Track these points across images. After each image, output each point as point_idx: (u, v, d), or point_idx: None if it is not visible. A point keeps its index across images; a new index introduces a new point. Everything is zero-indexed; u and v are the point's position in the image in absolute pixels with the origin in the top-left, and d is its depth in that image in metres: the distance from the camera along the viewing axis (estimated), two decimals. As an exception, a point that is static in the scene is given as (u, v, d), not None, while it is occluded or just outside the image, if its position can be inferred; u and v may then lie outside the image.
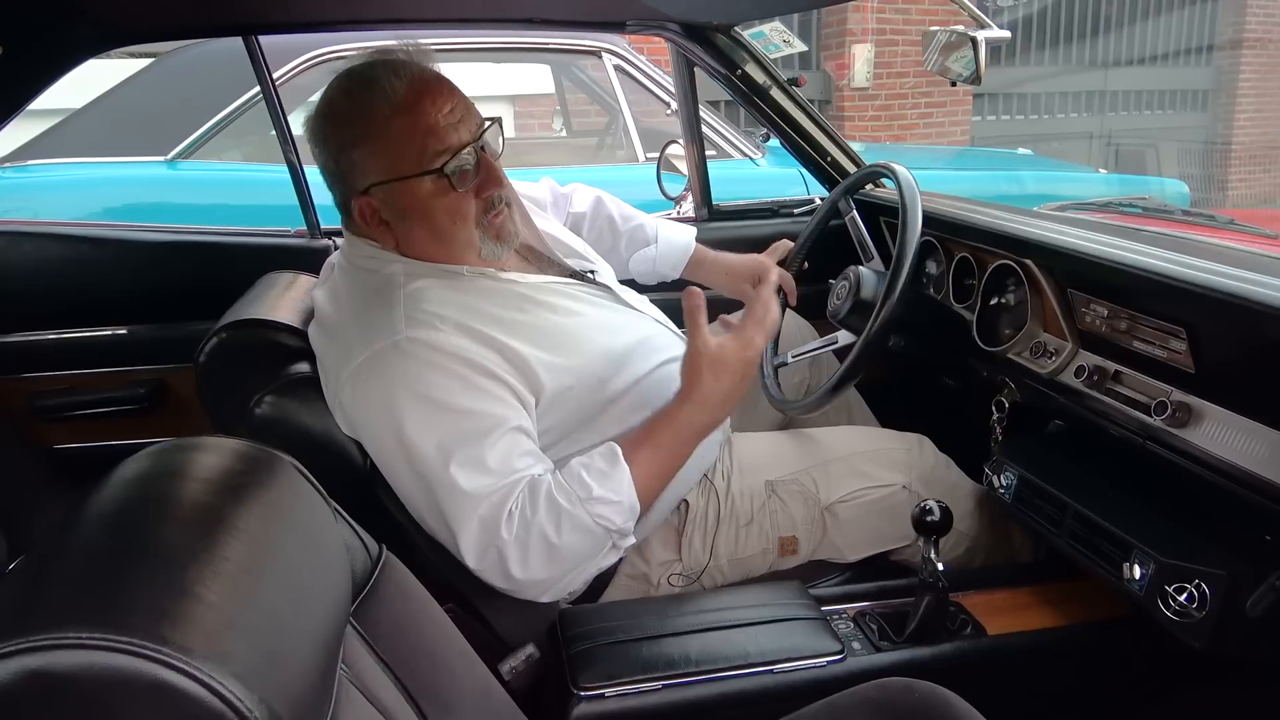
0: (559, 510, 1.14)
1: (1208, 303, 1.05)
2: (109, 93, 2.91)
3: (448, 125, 1.19)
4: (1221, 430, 1.08)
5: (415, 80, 1.18)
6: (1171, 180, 3.72)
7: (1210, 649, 1.07)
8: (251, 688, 0.52)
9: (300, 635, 0.63)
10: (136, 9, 1.38)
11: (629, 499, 1.17)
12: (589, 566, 1.18)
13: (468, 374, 1.15)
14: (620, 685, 1.11)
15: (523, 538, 1.12)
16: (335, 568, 0.76)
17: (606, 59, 3.24)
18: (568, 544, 1.13)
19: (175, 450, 0.75)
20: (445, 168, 1.19)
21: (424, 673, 0.87)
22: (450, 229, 1.23)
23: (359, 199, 1.22)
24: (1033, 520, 1.32)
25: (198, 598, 0.56)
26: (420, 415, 1.12)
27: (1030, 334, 1.40)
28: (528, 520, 1.13)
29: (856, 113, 7.01)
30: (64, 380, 1.72)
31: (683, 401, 1.22)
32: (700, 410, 1.22)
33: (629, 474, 1.17)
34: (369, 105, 1.17)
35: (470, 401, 1.13)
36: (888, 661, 1.19)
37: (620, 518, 1.16)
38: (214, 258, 1.76)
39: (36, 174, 2.82)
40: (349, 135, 1.19)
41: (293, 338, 1.28)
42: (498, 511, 1.12)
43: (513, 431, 1.15)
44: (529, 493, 1.14)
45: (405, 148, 1.18)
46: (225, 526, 0.65)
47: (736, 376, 1.23)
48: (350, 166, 1.21)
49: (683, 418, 1.22)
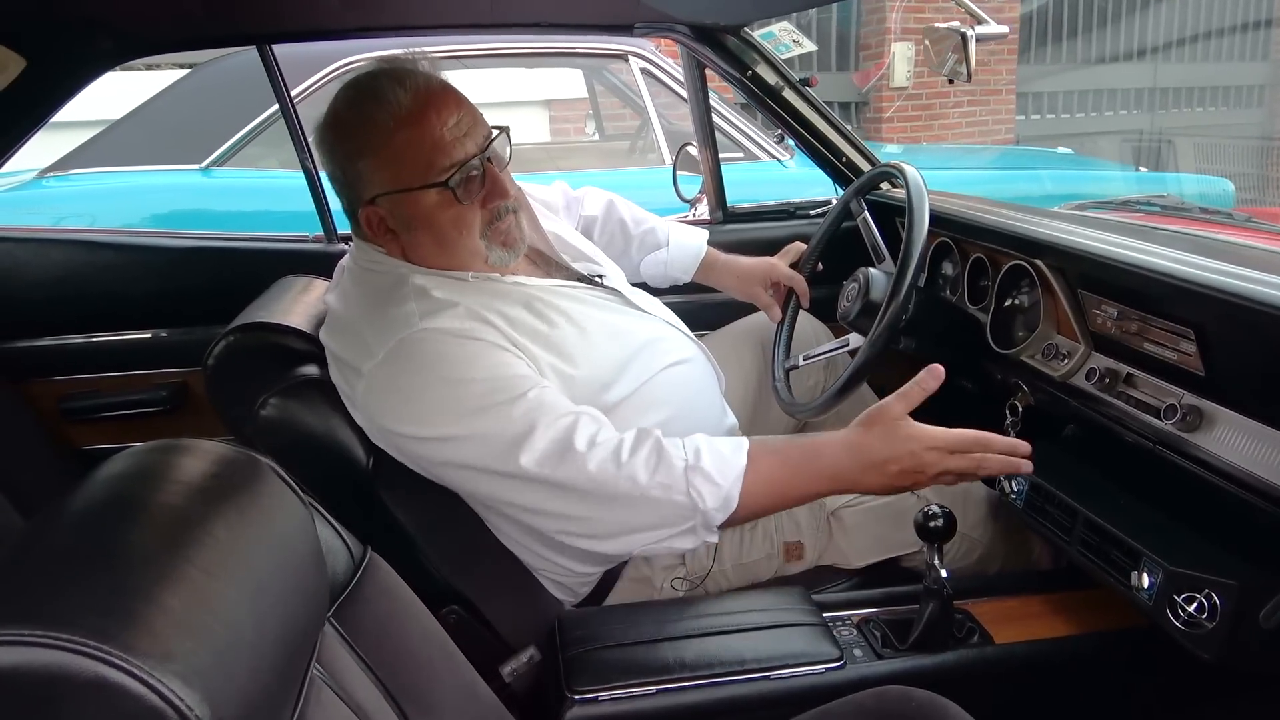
0: (661, 456, 1.10)
1: (1216, 304, 1.02)
2: (146, 103, 3.00)
3: (453, 138, 1.19)
4: (1232, 435, 1.05)
5: (420, 92, 1.18)
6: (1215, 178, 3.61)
7: (1222, 661, 1.03)
8: (195, 687, 0.53)
9: (260, 637, 0.64)
10: (153, 21, 1.42)
11: (730, 490, 1.10)
12: (662, 534, 1.11)
13: (487, 349, 1.15)
14: (614, 689, 1.11)
15: (606, 459, 1.09)
16: (308, 570, 0.77)
17: (634, 62, 3.25)
18: (652, 493, 1.09)
19: (155, 452, 0.76)
20: (450, 181, 1.19)
21: (406, 674, 0.87)
22: (456, 239, 1.23)
23: (365, 208, 1.24)
24: (1043, 527, 1.29)
25: (150, 598, 0.57)
26: (449, 396, 1.12)
27: (1043, 336, 1.37)
28: (619, 449, 1.09)
29: (896, 112, 6.94)
30: (91, 383, 1.77)
31: (839, 440, 1.13)
32: (848, 456, 1.12)
33: (744, 468, 1.12)
34: (374, 117, 1.18)
35: (495, 369, 1.14)
36: (889, 670, 1.17)
37: (714, 500, 1.10)
38: (233, 263, 1.80)
39: (78, 183, 2.92)
40: (354, 146, 1.21)
41: (300, 341, 1.30)
42: (569, 430, 1.10)
43: (546, 389, 1.15)
44: (635, 434, 1.12)
45: (410, 160, 1.18)
46: (190, 529, 0.66)
47: (899, 457, 1.10)
48: (356, 177, 1.22)
49: (827, 452, 1.13)
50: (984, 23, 1.44)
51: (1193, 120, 7.72)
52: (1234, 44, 7.92)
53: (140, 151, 2.94)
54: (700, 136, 1.90)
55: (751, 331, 1.73)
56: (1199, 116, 7.77)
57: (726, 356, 1.65)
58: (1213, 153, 7.05)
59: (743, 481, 1.11)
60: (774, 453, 1.15)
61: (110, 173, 2.92)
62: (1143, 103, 7.79)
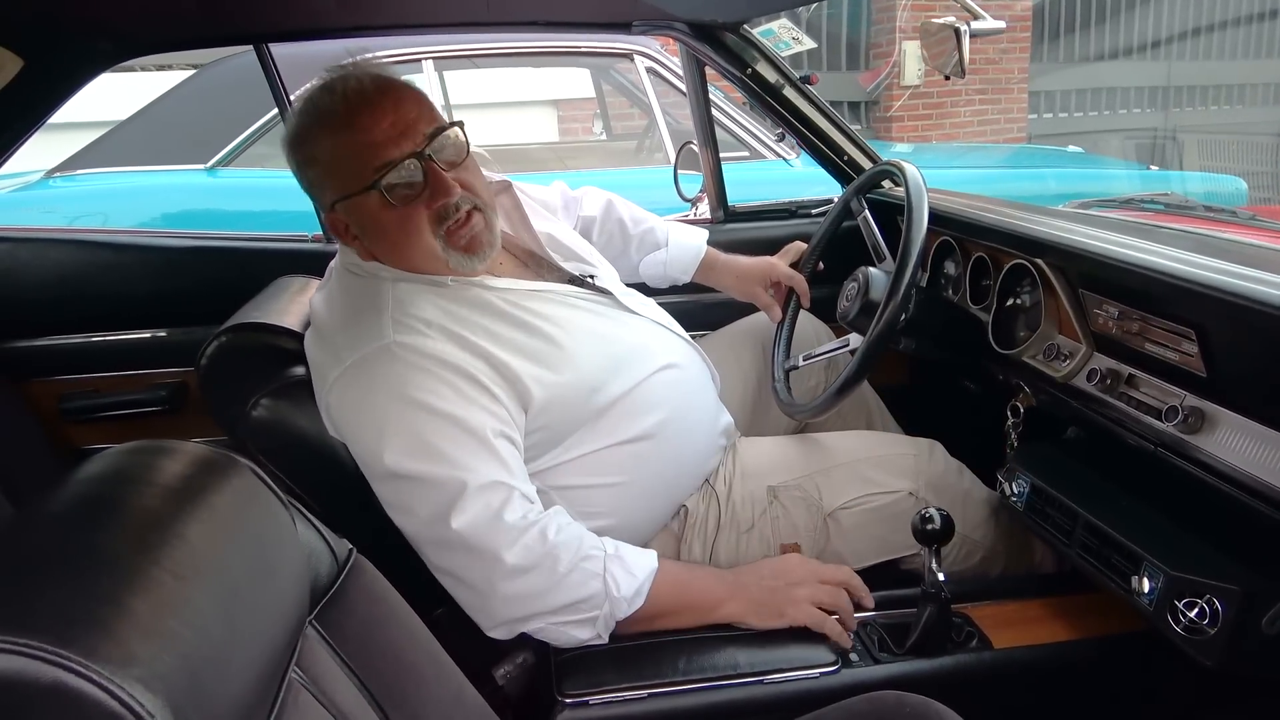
0: (583, 541, 1.12)
1: (1216, 304, 1.00)
2: (152, 104, 3.02)
3: (386, 139, 1.16)
4: (1235, 437, 1.03)
5: (350, 96, 1.17)
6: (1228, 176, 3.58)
7: (1224, 668, 1.01)
8: (157, 692, 0.52)
9: (230, 640, 0.63)
10: (149, 21, 1.42)
11: (643, 583, 1.14)
12: (563, 618, 1.12)
13: (455, 380, 1.14)
14: (605, 693, 1.10)
15: (529, 543, 1.10)
16: (286, 572, 0.76)
17: (639, 61, 3.24)
18: (571, 576, 1.10)
19: (134, 453, 0.76)
20: (380, 182, 1.17)
21: (389, 677, 0.86)
22: (405, 241, 1.21)
23: (329, 215, 1.25)
24: (1044, 530, 1.27)
25: (115, 602, 0.57)
26: (405, 417, 1.12)
27: (1045, 336, 1.35)
28: (545, 529, 1.11)
29: (906, 111, 6.90)
30: (91, 383, 1.77)
31: (744, 569, 1.23)
32: (736, 572, 1.23)
33: (655, 568, 1.16)
34: (310, 127, 1.19)
35: (457, 408, 1.12)
36: (885, 674, 1.16)
37: (628, 590, 1.12)
38: (232, 263, 1.80)
39: (84, 183, 2.93)
40: (303, 156, 1.22)
41: (291, 341, 1.29)
42: (495, 506, 1.10)
43: (500, 439, 1.14)
44: (559, 517, 1.14)
45: (346, 165, 1.18)
46: (163, 532, 0.65)
47: (774, 567, 1.23)
48: (311, 185, 1.24)
49: (727, 575, 1.22)
50: (980, 18, 1.42)
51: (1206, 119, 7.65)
52: (1249, 41, 7.84)
53: (146, 152, 2.95)
54: (700, 135, 1.88)
55: (751, 332, 1.72)
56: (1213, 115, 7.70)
57: (726, 357, 1.64)
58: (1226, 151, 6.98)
59: (654, 579, 1.14)
60: (677, 563, 1.25)
61: (116, 173, 2.94)
62: (1156, 101, 7.72)
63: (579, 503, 1.26)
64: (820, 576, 1.20)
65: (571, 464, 1.26)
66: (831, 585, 1.20)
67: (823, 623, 1.17)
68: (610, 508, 1.28)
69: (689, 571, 1.22)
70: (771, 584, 1.19)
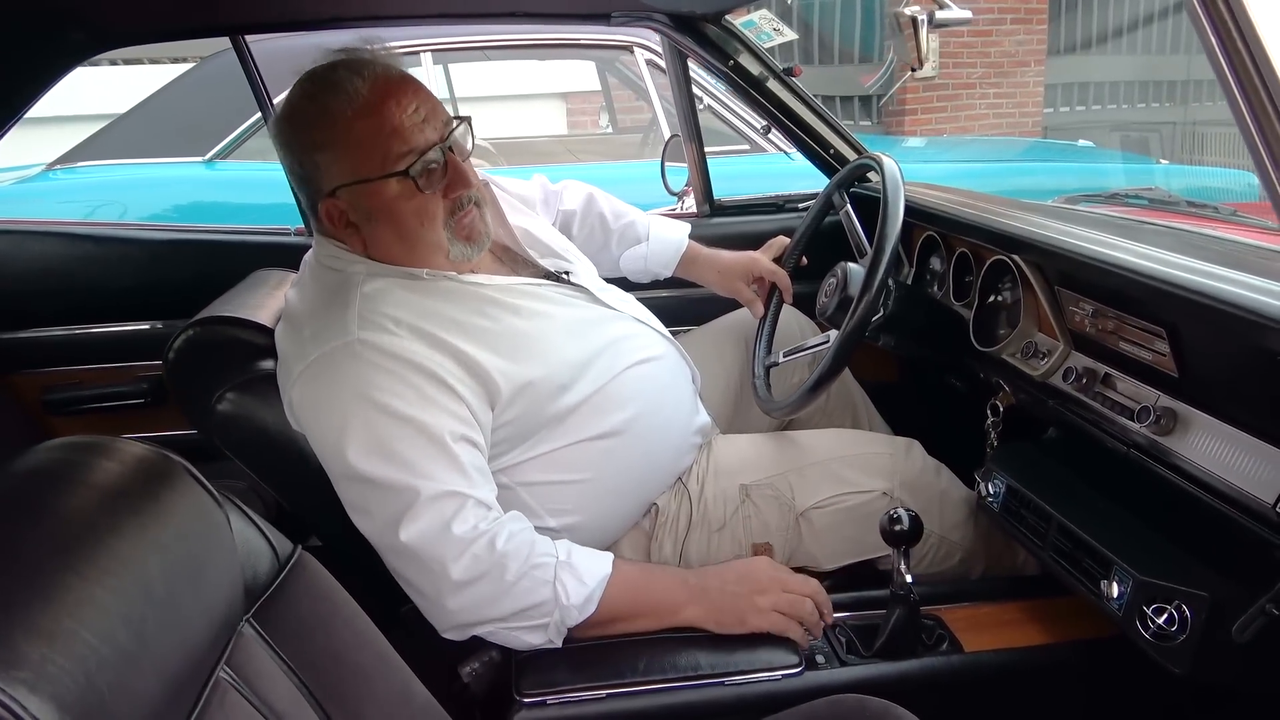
0: (533, 549, 1.11)
1: (1185, 303, 0.97)
2: (152, 97, 3.03)
3: (412, 126, 1.17)
4: (1206, 439, 1.00)
5: (378, 80, 1.17)
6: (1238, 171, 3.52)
7: (1193, 675, 0.99)
8: (42, 694, 0.52)
9: (140, 642, 0.62)
10: (123, 12, 1.41)
11: (594, 590, 1.11)
12: (513, 624, 1.10)
13: (418, 381, 1.12)
14: (563, 693, 1.09)
15: (478, 552, 1.09)
16: (215, 572, 0.75)
17: (639, 54, 3.21)
18: (520, 584, 1.09)
19: (65, 449, 0.75)
20: (410, 169, 1.17)
21: (330, 674, 0.86)
22: (417, 231, 1.21)
23: (325, 202, 1.21)
24: (1018, 532, 1.25)
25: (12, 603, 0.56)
26: (364, 418, 1.10)
27: (1023, 333, 1.33)
28: (494, 539, 1.09)
29: (920, 104, 6.83)
30: (73, 375, 1.77)
31: (708, 572, 1.20)
32: (700, 573, 1.20)
33: (609, 574, 1.13)
34: (331, 107, 1.16)
35: (417, 410, 1.11)
36: (850, 677, 1.14)
37: (577, 598, 1.10)
38: (213, 255, 1.79)
39: (84, 175, 2.95)
40: (312, 138, 1.19)
41: (260, 335, 1.29)
42: (445, 517, 1.09)
43: (460, 442, 1.13)
44: (512, 524, 1.12)
45: (369, 150, 1.16)
46: (79, 531, 0.65)
47: (737, 570, 1.19)
48: (315, 169, 1.20)
49: (689, 579, 1.18)
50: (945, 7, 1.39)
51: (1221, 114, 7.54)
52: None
53: (146, 144, 2.97)
54: (685, 129, 1.86)
55: (733, 328, 1.70)
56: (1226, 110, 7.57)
57: (708, 353, 1.62)
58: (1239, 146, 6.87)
59: (605, 586, 1.12)
60: (636, 565, 1.22)
61: (115, 165, 2.95)
62: (1175, 95, 7.62)
63: (546, 500, 1.25)
64: (786, 585, 1.17)
65: (538, 460, 1.25)
66: (796, 595, 1.17)
67: (785, 629, 1.14)
68: (577, 505, 1.27)
69: (648, 575, 1.20)
70: (735, 589, 1.16)
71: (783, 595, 1.15)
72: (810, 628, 1.16)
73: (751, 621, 1.14)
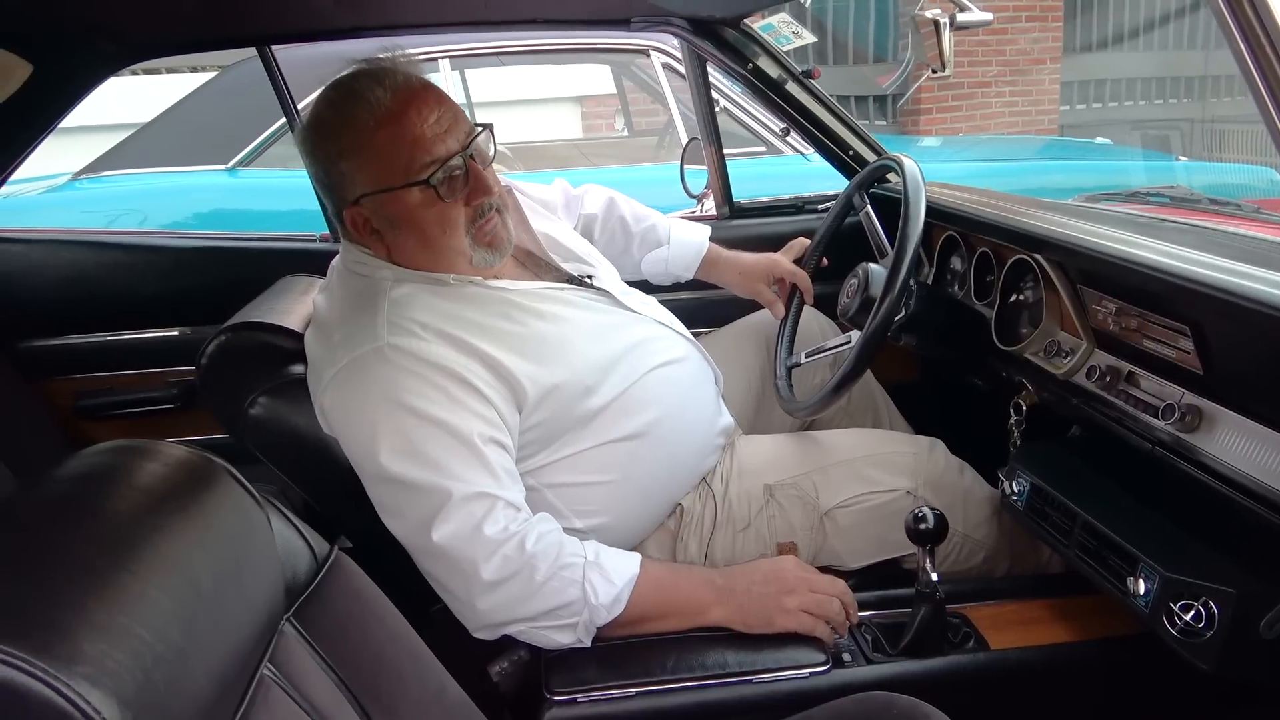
0: (562, 549, 1.12)
1: (1210, 301, 0.97)
2: (175, 106, 3.07)
3: (434, 135, 1.18)
4: (1232, 436, 1.00)
5: (400, 90, 1.18)
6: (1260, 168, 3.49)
7: (1220, 671, 0.99)
8: (105, 689, 0.53)
9: (191, 639, 0.64)
10: (154, 24, 1.44)
11: (623, 590, 1.13)
12: (543, 624, 1.12)
13: (446, 384, 1.14)
14: (593, 691, 1.10)
15: (508, 553, 1.10)
16: (258, 572, 0.77)
17: (655, 57, 3.23)
18: (549, 584, 1.10)
19: (109, 453, 0.77)
20: (431, 178, 1.18)
21: (367, 673, 0.87)
22: (440, 238, 1.23)
23: (350, 209, 1.23)
24: (1043, 530, 1.25)
25: (71, 601, 0.58)
26: (395, 421, 1.12)
27: (1046, 332, 1.33)
28: (524, 540, 1.11)
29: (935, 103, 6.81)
30: (105, 381, 1.80)
31: (735, 572, 1.21)
32: (727, 572, 1.21)
33: (637, 574, 1.14)
34: (354, 117, 1.18)
35: (446, 413, 1.13)
36: (877, 675, 1.15)
37: (606, 597, 1.12)
38: (240, 262, 1.82)
39: (109, 184, 2.99)
40: (336, 148, 1.21)
41: (290, 340, 1.31)
42: (477, 518, 1.10)
43: (489, 444, 1.14)
44: (542, 525, 1.14)
45: (392, 159, 1.18)
46: (129, 532, 0.67)
47: (765, 570, 1.20)
48: (340, 178, 1.22)
49: (708, 570, 1.21)
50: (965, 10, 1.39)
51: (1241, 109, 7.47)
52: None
53: (169, 153, 3.01)
54: (704, 131, 1.88)
55: (755, 329, 1.71)
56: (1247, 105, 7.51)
57: (729, 354, 1.63)
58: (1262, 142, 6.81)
59: (634, 586, 1.13)
60: (664, 565, 1.24)
61: (140, 174, 2.99)
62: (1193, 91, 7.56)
63: (573, 501, 1.26)
64: (813, 586, 1.18)
65: (564, 462, 1.26)
66: (823, 596, 1.17)
67: (813, 628, 1.15)
68: (603, 506, 1.28)
69: (675, 575, 1.21)
70: (762, 590, 1.17)
71: (810, 595, 1.16)
72: (836, 627, 1.17)
73: (779, 622, 1.15)
